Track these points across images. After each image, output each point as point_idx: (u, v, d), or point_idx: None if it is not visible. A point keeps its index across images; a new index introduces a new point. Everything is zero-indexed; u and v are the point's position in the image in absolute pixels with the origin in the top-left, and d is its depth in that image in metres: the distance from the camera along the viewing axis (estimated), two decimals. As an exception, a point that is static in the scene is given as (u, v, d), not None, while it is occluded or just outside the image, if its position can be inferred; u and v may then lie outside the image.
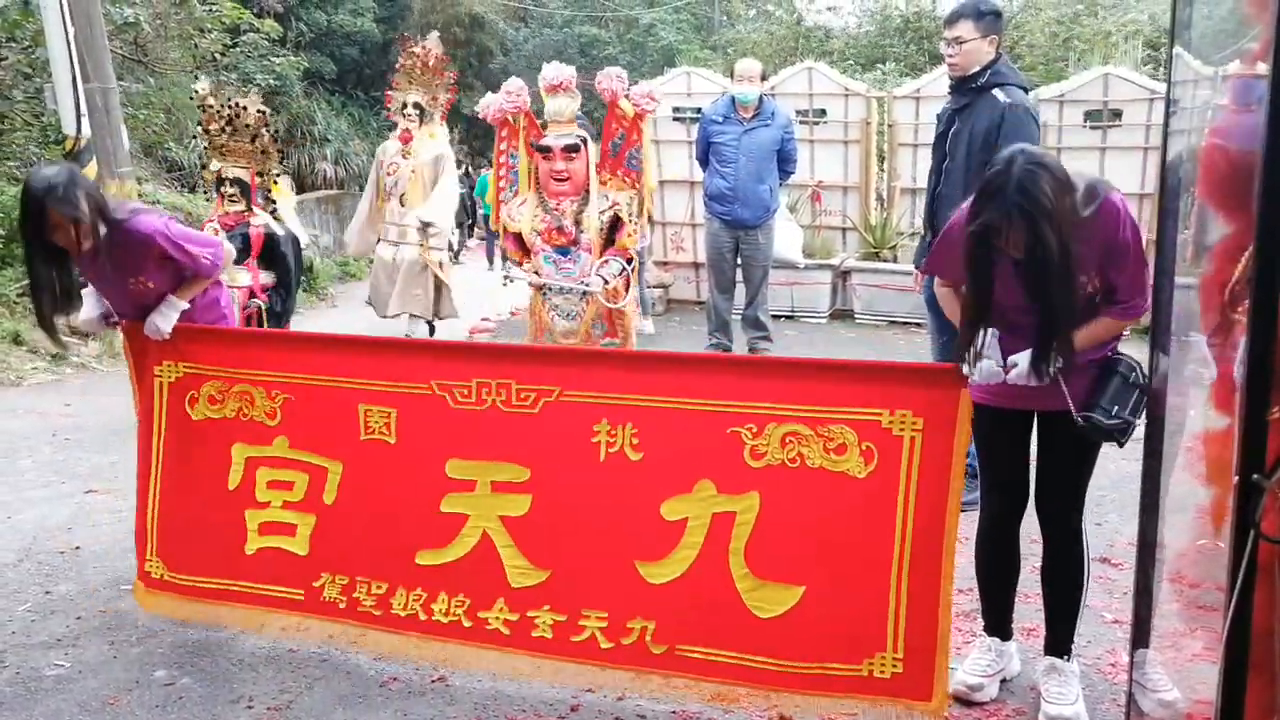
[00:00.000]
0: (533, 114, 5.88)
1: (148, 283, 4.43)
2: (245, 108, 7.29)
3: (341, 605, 4.12)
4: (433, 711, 3.81)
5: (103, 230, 4.22)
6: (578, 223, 5.63)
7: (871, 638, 3.52)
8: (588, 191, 5.67)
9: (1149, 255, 3.38)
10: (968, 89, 5.51)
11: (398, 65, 9.09)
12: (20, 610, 4.64)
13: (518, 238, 5.85)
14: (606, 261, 5.64)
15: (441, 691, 3.93)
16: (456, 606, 3.96)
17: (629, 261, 5.75)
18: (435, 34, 10.06)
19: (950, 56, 5.53)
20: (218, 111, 7.28)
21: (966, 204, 3.39)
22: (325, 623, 4.16)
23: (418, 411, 4.04)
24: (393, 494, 4.09)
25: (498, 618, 3.91)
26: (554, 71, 5.74)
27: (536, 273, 5.76)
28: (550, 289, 5.72)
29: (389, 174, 8.98)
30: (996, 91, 5.38)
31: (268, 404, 4.25)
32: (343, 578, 4.13)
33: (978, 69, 5.45)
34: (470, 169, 24.87)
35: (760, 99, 8.84)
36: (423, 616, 4.01)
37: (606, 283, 5.59)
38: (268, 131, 7.43)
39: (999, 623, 3.90)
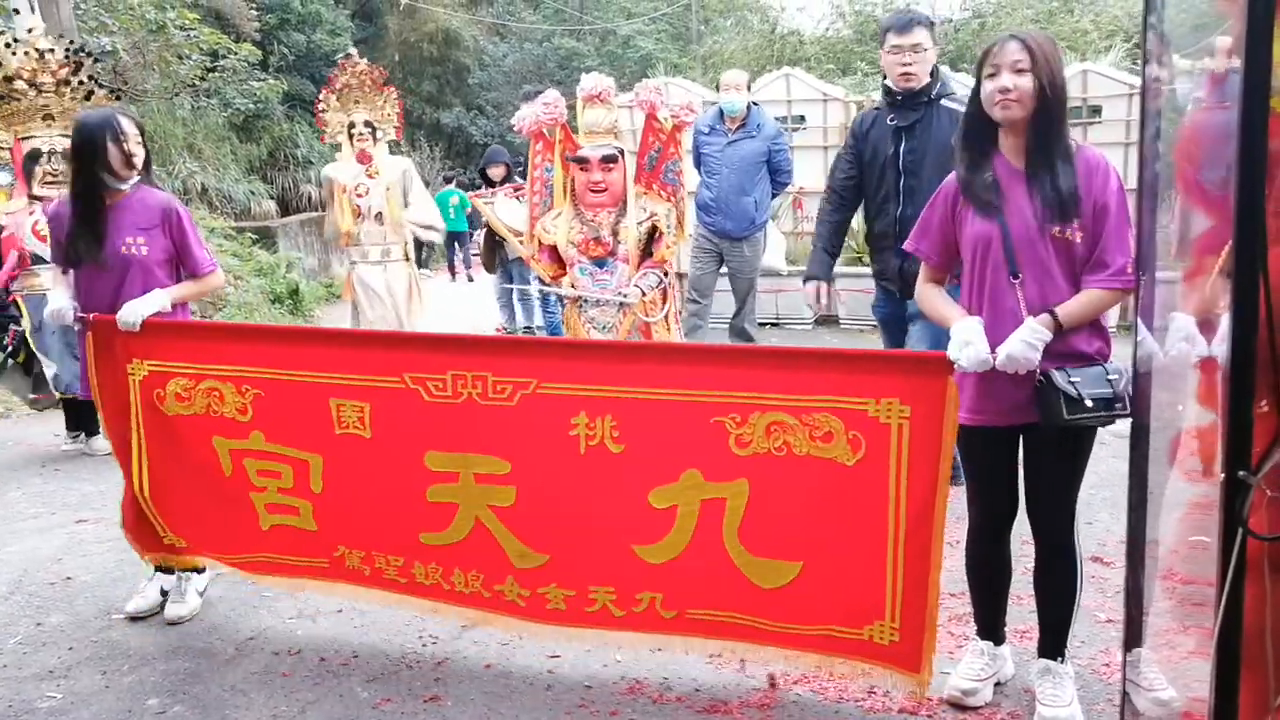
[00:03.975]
0: (569, 127, 5.81)
1: (142, 247, 4.50)
2: (87, 53, 6.63)
3: (366, 573, 4.22)
4: (427, 733, 3.79)
5: (139, 167, 4.54)
6: (615, 234, 5.56)
7: (871, 606, 3.56)
8: (624, 203, 5.62)
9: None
10: (919, 103, 5.36)
11: (338, 86, 9.01)
12: (11, 643, 4.60)
13: (552, 251, 5.77)
14: (644, 274, 5.58)
15: (434, 712, 3.90)
16: (473, 580, 4.03)
17: (665, 275, 5.70)
18: (354, 50, 10.04)
19: (907, 67, 5.30)
20: (55, 60, 6.61)
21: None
22: (353, 587, 4.30)
23: (392, 405, 3.98)
24: (377, 485, 4.08)
25: (512, 591, 3.97)
26: (592, 82, 5.66)
27: (573, 285, 5.70)
28: (586, 301, 5.66)
29: (359, 195, 8.85)
30: (945, 102, 5.28)
31: (238, 399, 4.21)
32: (359, 551, 4.20)
33: (927, 80, 5.34)
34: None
35: (749, 109, 8.75)
36: (445, 586, 4.08)
37: (644, 294, 5.53)
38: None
39: (991, 627, 3.89)
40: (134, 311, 4.35)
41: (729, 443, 3.59)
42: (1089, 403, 3.33)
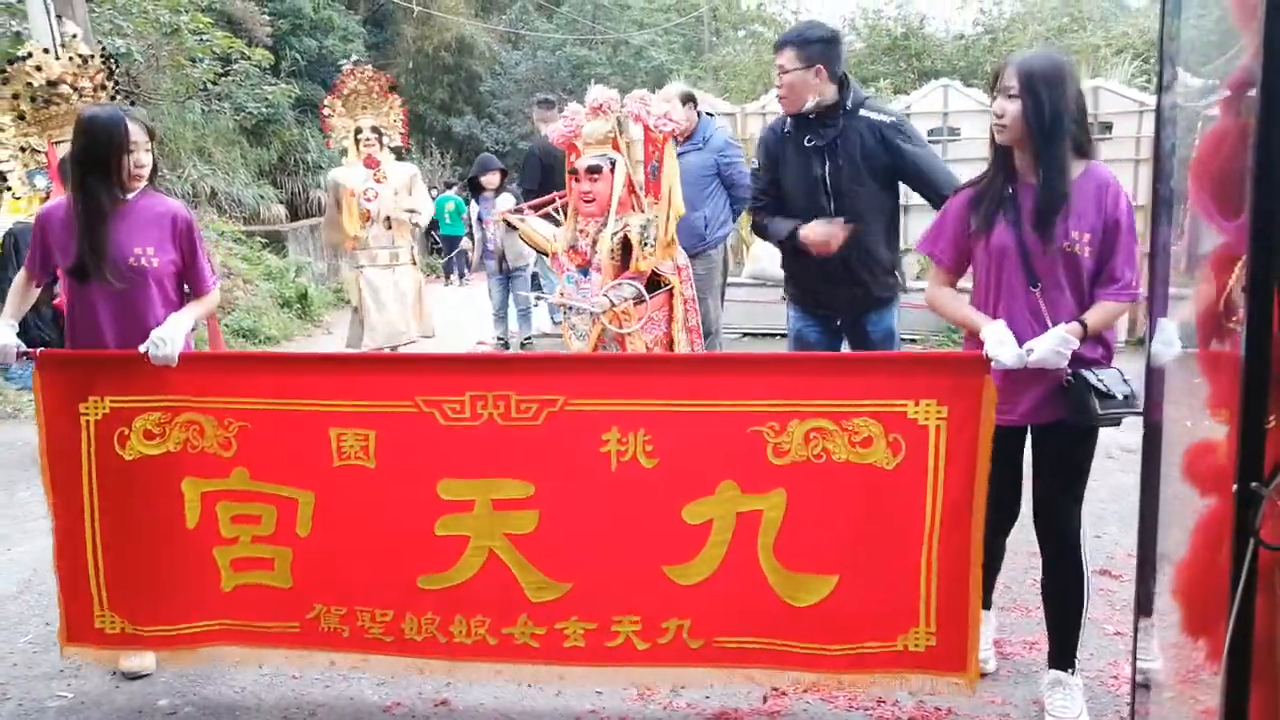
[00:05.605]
0: None
1: (152, 258, 4.18)
2: (115, 59, 6.77)
3: (345, 635, 3.82)
4: (436, 736, 3.80)
5: (145, 177, 4.27)
6: (594, 244, 5.61)
7: (905, 614, 3.52)
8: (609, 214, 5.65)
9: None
10: (834, 119, 4.91)
11: (345, 92, 9.12)
12: (22, 642, 4.63)
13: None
14: (618, 284, 5.57)
15: (444, 716, 3.92)
16: (478, 626, 3.74)
17: (662, 286, 5.67)
18: (356, 57, 10.13)
19: (779, 90, 5.00)
20: (94, 66, 6.67)
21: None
22: (328, 653, 3.88)
23: (401, 431, 3.70)
24: (377, 521, 3.76)
25: (524, 632, 3.71)
26: (594, 94, 5.68)
27: (561, 293, 5.77)
28: (571, 308, 5.71)
29: (368, 199, 8.95)
30: (865, 111, 4.91)
31: (220, 434, 3.80)
32: (340, 608, 3.82)
33: (814, 104, 4.88)
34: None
35: (699, 120, 8.13)
36: (442, 639, 3.77)
37: (613, 305, 5.53)
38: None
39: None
40: (167, 340, 3.86)
41: (767, 452, 3.50)
42: (1119, 396, 3.45)
